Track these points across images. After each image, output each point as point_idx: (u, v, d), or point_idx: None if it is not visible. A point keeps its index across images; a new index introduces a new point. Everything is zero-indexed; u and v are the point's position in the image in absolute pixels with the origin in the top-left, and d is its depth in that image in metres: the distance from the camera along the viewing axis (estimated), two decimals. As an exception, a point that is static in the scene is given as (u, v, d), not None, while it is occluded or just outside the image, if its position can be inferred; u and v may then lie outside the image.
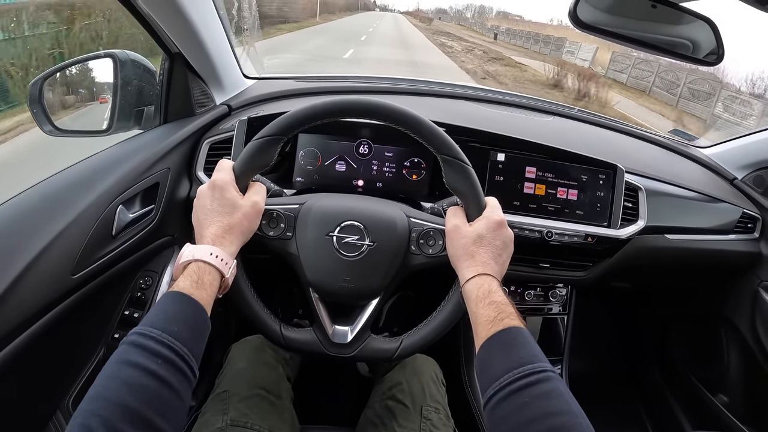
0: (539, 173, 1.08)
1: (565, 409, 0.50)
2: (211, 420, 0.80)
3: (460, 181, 0.72)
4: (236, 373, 0.91)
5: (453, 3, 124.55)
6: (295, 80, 1.44)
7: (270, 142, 0.71)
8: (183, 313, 0.56)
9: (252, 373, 0.91)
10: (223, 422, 0.79)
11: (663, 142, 1.47)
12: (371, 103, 0.72)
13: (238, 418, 0.80)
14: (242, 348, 0.98)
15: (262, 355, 0.95)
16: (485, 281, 0.65)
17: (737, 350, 1.39)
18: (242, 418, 0.80)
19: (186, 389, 0.52)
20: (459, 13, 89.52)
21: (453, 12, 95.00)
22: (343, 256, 0.75)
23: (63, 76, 1.02)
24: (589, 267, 1.16)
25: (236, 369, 0.91)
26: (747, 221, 1.30)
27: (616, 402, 1.62)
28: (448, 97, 1.46)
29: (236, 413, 0.81)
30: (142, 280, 0.98)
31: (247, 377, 0.89)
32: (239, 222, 0.68)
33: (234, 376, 0.90)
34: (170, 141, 0.99)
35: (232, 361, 0.94)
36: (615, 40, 0.97)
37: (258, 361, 0.94)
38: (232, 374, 0.90)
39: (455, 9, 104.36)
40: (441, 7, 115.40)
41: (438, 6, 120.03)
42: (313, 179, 1.08)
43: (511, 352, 0.57)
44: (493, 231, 0.69)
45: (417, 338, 0.76)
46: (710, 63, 1.01)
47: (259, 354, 0.95)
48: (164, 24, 0.94)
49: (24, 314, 0.68)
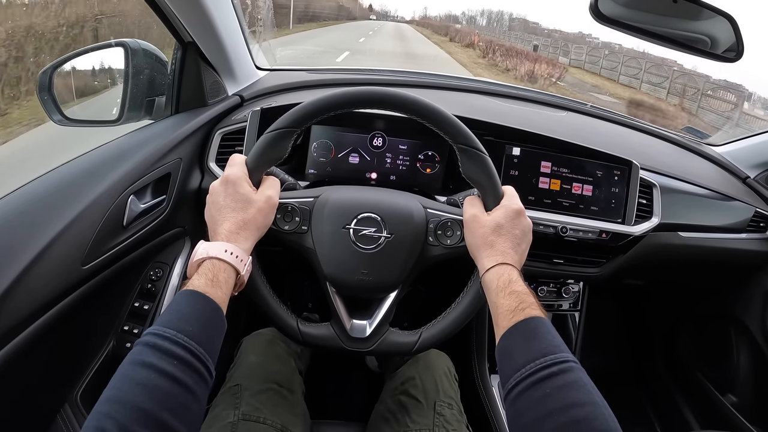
0: (554, 168, 1.07)
1: (588, 400, 0.49)
2: (222, 414, 0.79)
3: (477, 170, 0.71)
4: (248, 366, 0.90)
5: (465, 8, 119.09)
6: (307, 72, 1.43)
7: (283, 135, 0.70)
8: (198, 312, 0.55)
9: (265, 366, 0.90)
10: (235, 416, 0.78)
11: (676, 139, 1.46)
12: (386, 93, 0.71)
13: (250, 412, 0.79)
14: (254, 341, 0.97)
15: (274, 349, 0.94)
16: (505, 271, 0.64)
17: (747, 350, 1.39)
18: (254, 413, 0.79)
19: (203, 390, 0.51)
20: (472, 20, 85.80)
21: (466, 18, 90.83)
22: (361, 248, 0.74)
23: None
24: (602, 263, 1.16)
25: (249, 362, 0.90)
26: (759, 220, 1.29)
27: (623, 400, 1.61)
28: (461, 90, 1.45)
29: (248, 408, 0.80)
30: (153, 272, 0.97)
31: (259, 371, 0.89)
32: (254, 217, 0.66)
33: (246, 370, 0.89)
34: (182, 131, 0.98)
35: (243, 354, 0.93)
36: (634, 34, 0.96)
37: (270, 354, 0.93)
38: (245, 368, 0.89)
39: (468, 15, 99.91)
40: (452, 13, 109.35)
41: (448, 12, 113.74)
42: (326, 171, 1.07)
43: (532, 342, 0.56)
44: (511, 220, 0.68)
45: (436, 331, 0.75)
46: (729, 59, 1.00)
47: (271, 347, 0.94)
48: (179, 12, 0.93)
49: (34, 305, 0.67)
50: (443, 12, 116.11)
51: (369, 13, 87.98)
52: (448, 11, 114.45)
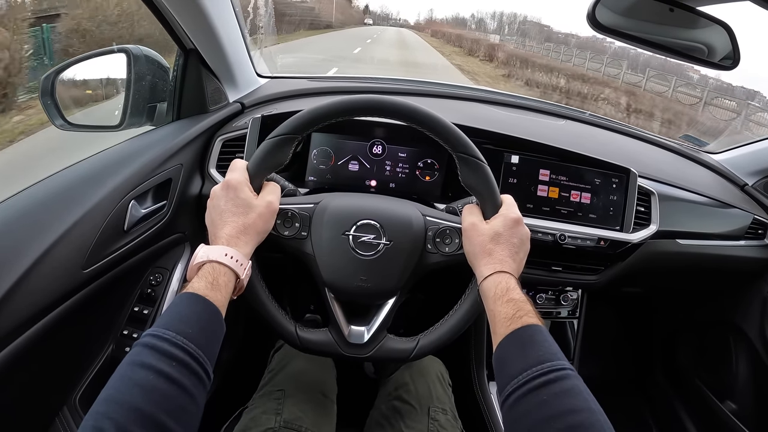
0: (553, 176, 1.08)
1: (584, 407, 0.50)
2: (262, 418, 0.80)
3: (475, 179, 0.72)
4: (294, 372, 0.90)
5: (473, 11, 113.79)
6: (307, 80, 1.44)
7: (284, 141, 0.71)
8: (197, 314, 0.56)
9: (311, 374, 0.90)
10: (276, 423, 0.79)
11: (674, 147, 1.47)
12: (387, 102, 0.72)
13: (293, 420, 0.80)
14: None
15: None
16: (503, 279, 0.65)
17: (746, 357, 1.39)
18: (296, 421, 0.80)
19: (200, 392, 0.51)
20: (481, 23, 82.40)
21: (475, 21, 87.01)
22: (360, 255, 0.74)
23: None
24: (601, 271, 1.16)
25: (294, 368, 0.91)
26: (758, 227, 1.29)
27: (623, 409, 1.61)
28: (460, 99, 1.46)
29: (291, 415, 0.81)
30: (153, 277, 0.97)
31: (305, 379, 0.89)
32: (254, 222, 0.67)
33: (291, 376, 0.89)
34: (183, 137, 0.98)
35: (286, 358, 0.93)
36: (632, 42, 0.97)
37: (316, 360, 0.93)
38: (289, 373, 0.90)
39: (477, 18, 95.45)
40: (459, 15, 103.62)
41: (456, 14, 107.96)
42: (326, 179, 1.07)
43: (529, 349, 0.57)
44: (510, 228, 0.69)
45: (434, 338, 0.76)
46: (726, 67, 1.01)
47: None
48: (181, 19, 0.94)
49: (34, 308, 0.67)
50: (450, 14, 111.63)
51: (364, 16, 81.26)
52: (455, 13, 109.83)
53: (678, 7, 0.91)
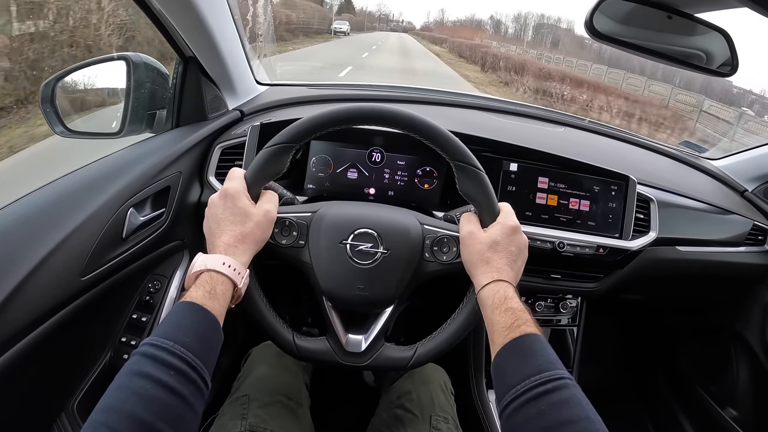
0: (551, 184, 1.08)
1: (583, 416, 0.50)
2: (229, 424, 0.80)
3: (473, 187, 0.72)
4: (258, 377, 0.90)
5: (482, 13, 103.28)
6: (307, 87, 1.44)
7: (282, 150, 0.70)
8: (195, 324, 0.56)
9: (274, 378, 0.90)
10: (242, 427, 0.79)
11: (673, 153, 1.47)
12: (385, 110, 0.72)
13: (258, 424, 0.79)
14: (264, 352, 0.97)
15: (283, 360, 0.95)
16: (501, 287, 0.65)
17: (747, 364, 1.38)
18: (261, 424, 0.80)
19: (198, 401, 0.51)
20: (498, 26, 75.51)
21: (492, 24, 78.15)
22: (357, 264, 0.74)
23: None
24: (600, 278, 1.16)
25: (258, 374, 0.91)
26: (758, 233, 1.29)
27: (623, 415, 1.60)
28: (459, 106, 1.46)
29: (255, 419, 0.80)
30: (151, 284, 0.98)
31: (268, 383, 0.89)
32: (252, 231, 0.67)
33: (255, 381, 0.89)
34: (182, 145, 0.99)
35: (252, 365, 0.93)
36: (630, 50, 0.97)
37: (280, 366, 0.93)
38: (253, 379, 0.90)
39: (495, 20, 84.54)
40: (475, 17, 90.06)
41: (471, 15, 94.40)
42: (325, 186, 1.07)
43: (527, 359, 0.57)
44: (507, 237, 0.69)
45: (432, 346, 0.75)
46: (724, 74, 1.01)
47: (281, 359, 0.95)
48: (180, 27, 0.94)
49: (32, 315, 0.67)
50: (463, 16, 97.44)
51: (364, 17, 68.81)
52: (471, 14, 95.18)
53: (676, 14, 0.91)
